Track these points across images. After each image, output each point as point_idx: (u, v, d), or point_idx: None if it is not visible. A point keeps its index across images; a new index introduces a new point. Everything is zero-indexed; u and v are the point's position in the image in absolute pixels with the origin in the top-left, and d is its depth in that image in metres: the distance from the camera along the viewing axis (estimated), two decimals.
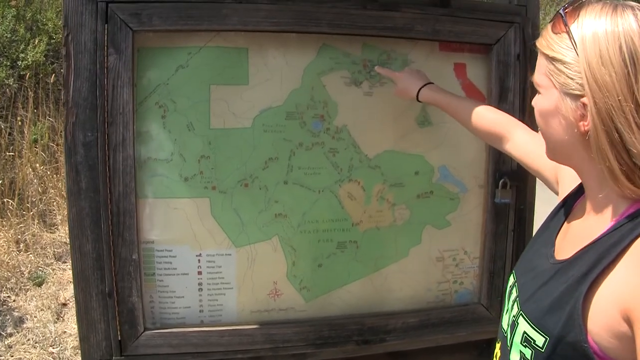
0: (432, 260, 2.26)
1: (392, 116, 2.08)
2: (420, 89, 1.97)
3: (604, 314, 1.04)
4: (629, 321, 1.00)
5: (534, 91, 1.22)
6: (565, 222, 1.33)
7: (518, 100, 2.19)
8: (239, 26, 1.94)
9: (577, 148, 1.15)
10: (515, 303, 1.29)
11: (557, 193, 1.56)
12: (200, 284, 2.04)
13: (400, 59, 2.15)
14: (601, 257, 1.07)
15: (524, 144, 1.70)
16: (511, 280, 1.39)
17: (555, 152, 1.24)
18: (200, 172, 1.99)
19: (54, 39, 6.51)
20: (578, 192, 1.36)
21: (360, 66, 2.11)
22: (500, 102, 2.18)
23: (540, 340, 1.13)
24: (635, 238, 1.04)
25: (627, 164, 1.04)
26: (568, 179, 1.44)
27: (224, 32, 1.96)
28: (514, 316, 1.28)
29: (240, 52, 2.00)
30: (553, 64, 1.12)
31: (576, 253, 1.15)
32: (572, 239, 1.24)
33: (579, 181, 1.34)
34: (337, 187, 2.12)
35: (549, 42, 1.14)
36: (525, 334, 1.19)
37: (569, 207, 1.36)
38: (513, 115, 2.02)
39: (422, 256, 2.25)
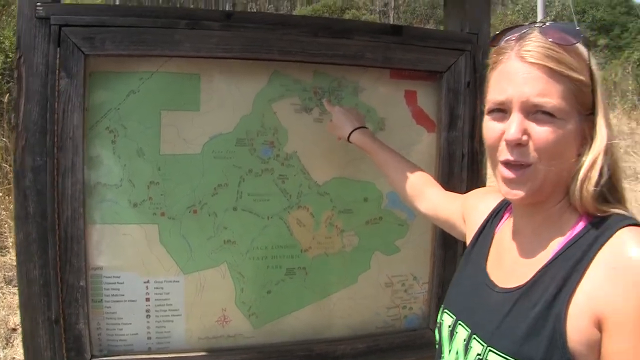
0: (381, 286, 2.52)
1: (342, 143, 2.31)
2: (353, 130, 2.19)
3: (581, 329, 1.19)
4: (600, 328, 1.17)
5: (482, 118, 1.41)
6: (492, 250, 1.52)
7: (467, 127, 2.46)
8: (191, 52, 2.15)
9: (565, 174, 1.32)
10: (475, 341, 1.39)
11: (462, 235, 1.79)
12: (148, 310, 2.23)
13: (351, 86, 2.41)
14: (568, 275, 1.23)
15: (434, 201, 1.98)
16: (448, 319, 1.54)
17: (544, 189, 1.32)
18: (149, 198, 2.20)
19: (10, 57, 6.57)
20: (494, 221, 1.58)
21: (310, 93, 2.36)
22: (450, 129, 2.46)
23: None
24: (598, 250, 1.21)
25: (601, 179, 1.27)
26: (474, 213, 1.68)
27: (176, 57, 2.17)
28: (479, 354, 1.35)
29: (192, 78, 2.22)
30: (576, 86, 1.27)
31: (533, 276, 1.31)
32: (512, 265, 1.41)
33: (486, 213, 1.59)
34: (286, 214, 2.36)
35: (567, 61, 1.26)
36: None
37: (488, 236, 1.56)
38: (463, 141, 2.33)
39: (371, 282, 2.50)
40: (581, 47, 1.29)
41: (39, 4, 2.00)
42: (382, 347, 2.48)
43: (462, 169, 2.47)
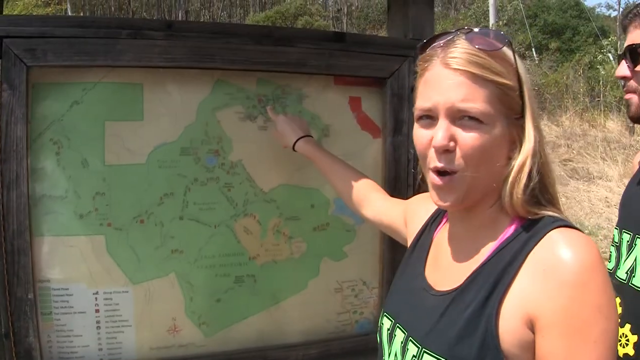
0: (331, 291, 2.56)
1: (287, 150, 2.34)
2: (298, 139, 2.24)
3: (513, 330, 1.22)
4: (532, 328, 1.21)
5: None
6: (430, 254, 1.57)
7: (412, 132, 2.48)
8: (133, 62, 2.18)
9: (494, 177, 1.36)
10: (411, 343, 1.41)
11: (404, 239, 1.84)
12: (98, 322, 2.25)
13: (295, 93, 2.46)
14: (499, 276, 1.26)
15: (378, 206, 2.03)
16: (387, 323, 1.58)
17: (472, 194, 1.36)
18: (95, 209, 2.22)
19: None
20: (431, 226, 1.62)
21: (254, 101, 2.41)
22: (395, 134, 2.52)
23: None
24: (529, 252, 1.25)
25: (531, 182, 1.31)
26: (415, 218, 1.73)
27: (118, 67, 2.20)
28: (414, 356, 1.38)
29: (135, 88, 2.26)
30: (501, 89, 1.30)
31: (467, 278, 1.35)
32: (448, 268, 1.46)
33: (423, 219, 1.64)
34: (233, 222, 2.40)
35: (492, 66, 1.30)
36: None
37: (427, 240, 1.60)
38: (408, 146, 2.40)
39: (321, 288, 2.55)
40: (507, 52, 1.34)
41: None
42: (334, 352, 2.52)
43: (408, 173, 2.53)
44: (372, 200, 2.07)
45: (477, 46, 1.31)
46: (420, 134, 1.40)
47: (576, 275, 1.18)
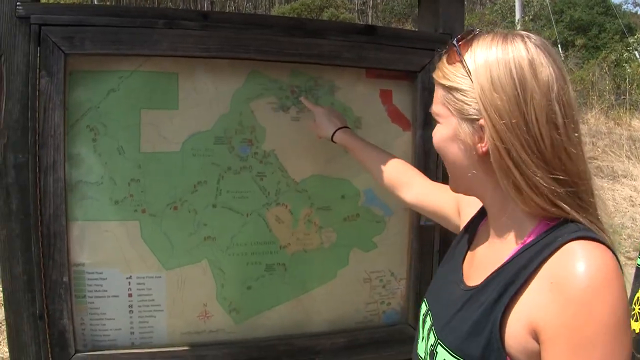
0: (360, 281, 2.52)
1: (319, 141, 2.33)
2: (336, 130, 2.21)
3: (517, 336, 1.18)
4: (536, 338, 1.15)
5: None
6: (470, 247, 1.53)
7: None
8: (169, 51, 2.16)
9: (478, 172, 1.34)
10: (432, 331, 1.42)
11: (456, 228, 1.80)
12: (130, 306, 2.23)
13: (327, 85, 2.42)
14: (511, 281, 1.22)
15: (422, 189, 1.99)
16: (424, 308, 1.57)
17: (457, 182, 1.43)
18: (130, 195, 2.20)
19: None
20: (479, 218, 1.57)
21: (287, 92, 2.37)
22: (425, 127, 2.47)
23: None
24: (543, 262, 1.18)
25: (530, 180, 1.22)
26: (468, 208, 1.67)
27: (154, 57, 2.18)
28: (431, 345, 1.39)
29: (171, 77, 2.23)
30: (450, 93, 1.31)
31: (486, 278, 1.31)
32: (479, 265, 1.43)
33: (477, 208, 1.58)
34: (265, 211, 2.37)
35: (444, 72, 1.33)
36: None
37: (472, 232, 1.56)
38: None
39: (350, 278, 2.51)
40: (468, 60, 1.30)
41: (18, 3, 2.00)
42: (361, 342, 2.48)
43: (437, 166, 2.48)
44: (414, 184, 2.03)
45: (444, 54, 1.38)
46: None
47: (583, 293, 1.11)
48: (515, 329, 1.19)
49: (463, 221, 1.71)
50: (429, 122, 2.47)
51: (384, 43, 2.42)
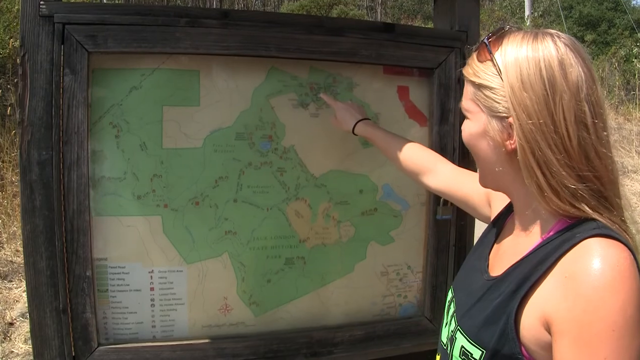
0: (377, 275, 2.51)
1: (338, 137, 2.31)
2: (357, 123, 2.19)
3: (531, 327, 1.20)
4: (549, 330, 1.17)
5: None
6: (497, 239, 1.52)
7: (458, 122, 2.45)
8: (190, 49, 2.14)
9: (505, 168, 1.34)
10: (453, 318, 1.46)
11: (486, 218, 1.78)
12: (152, 300, 2.22)
13: (345, 82, 2.40)
14: (529, 274, 1.23)
15: (449, 175, 1.96)
16: (449, 295, 1.58)
17: (486, 177, 1.43)
18: (152, 190, 2.18)
19: (0, 53, 6.57)
20: (508, 211, 1.55)
21: (307, 89, 2.35)
22: (442, 123, 2.45)
23: (477, 353, 1.29)
24: (560, 257, 1.19)
25: (553, 180, 1.21)
26: (500, 200, 1.64)
27: (176, 54, 2.17)
28: (452, 331, 1.44)
29: (192, 75, 2.21)
30: (480, 91, 1.31)
31: (507, 270, 1.32)
32: (503, 256, 1.42)
33: (507, 200, 1.56)
34: (285, 205, 2.35)
35: (475, 70, 1.33)
36: (463, 348, 1.34)
37: (500, 224, 1.56)
38: (454, 135, 2.32)
39: (367, 271, 2.49)
40: (498, 59, 1.29)
41: (42, 2, 1.99)
42: (378, 335, 2.47)
43: (453, 161, 2.43)
44: (439, 170, 2.00)
45: (474, 52, 1.37)
46: None
47: (594, 289, 1.11)
48: (530, 321, 1.21)
49: (494, 213, 1.69)
50: (445, 118, 2.46)
51: (402, 40, 2.40)
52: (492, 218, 1.69)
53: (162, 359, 2.20)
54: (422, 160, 2.04)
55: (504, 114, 1.27)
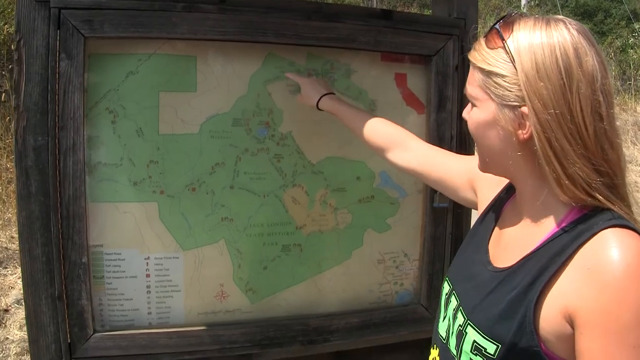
0: (374, 262, 2.47)
1: (335, 124, 2.24)
2: (321, 97, 2.13)
3: (551, 320, 1.16)
4: (571, 322, 1.13)
5: (467, 102, 1.37)
6: (496, 227, 1.47)
7: (456, 109, 2.42)
8: (187, 35, 2.10)
9: (514, 157, 1.28)
10: (460, 312, 1.38)
11: (466, 201, 1.73)
12: (148, 286, 2.19)
13: (343, 68, 2.36)
14: (546, 265, 1.18)
15: (422, 152, 1.88)
16: (446, 287, 1.52)
17: (489, 163, 1.37)
18: (149, 176, 2.14)
19: None
20: (505, 197, 1.50)
21: (305, 75, 2.30)
22: (439, 110, 2.42)
23: (491, 348, 1.23)
24: (579, 247, 1.15)
25: (570, 170, 1.17)
26: (487, 184, 1.60)
27: (173, 40, 2.12)
28: (460, 325, 1.36)
29: (189, 60, 2.17)
30: (490, 78, 1.24)
31: (519, 261, 1.27)
32: (509, 246, 1.37)
33: (500, 186, 1.52)
34: (282, 192, 2.31)
35: (484, 56, 1.26)
36: (475, 343, 1.28)
37: (497, 211, 1.50)
38: (451, 123, 2.29)
39: (364, 259, 2.46)
40: (510, 44, 1.23)
41: None
42: (375, 322, 2.45)
43: (451, 149, 2.41)
44: (411, 146, 1.91)
45: (483, 38, 1.30)
46: None
47: (619, 279, 1.08)
48: (550, 313, 1.17)
49: (481, 200, 1.64)
50: (443, 106, 2.43)
51: (400, 27, 2.35)
52: (479, 205, 1.65)
53: (158, 345, 2.17)
54: (391, 135, 1.96)
55: (516, 103, 1.22)
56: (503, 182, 1.52)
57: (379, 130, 1.98)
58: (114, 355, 2.13)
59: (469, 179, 1.71)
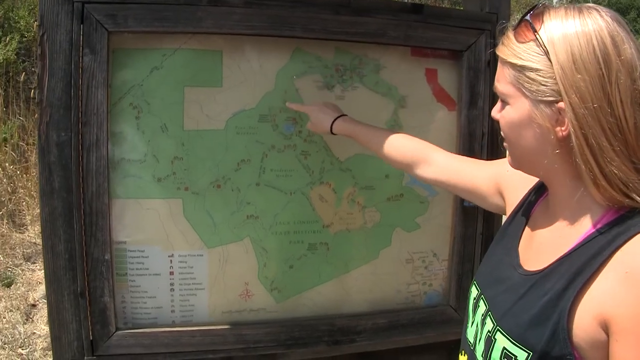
0: (402, 262, 2.39)
1: (363, 120, 2.15)
2: (333, 121, 2.04)
3: (586, 327, 1.09)
4: (606, 329, 1.06)
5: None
6: (527, 229, 1.39)
7: (487, 106, 2.33)
8: (213, 29, 2.03)
9: (550, 155, 1.19)
10: (489, 317, 1.32)
11: (495, 207, 1.65)
12: (172, 284, 2.14)
13: (372, 63, 2.27)
14: (580, 269, 1.11)
15: (448, 165, 1.79)
16: (474, 291, 1.45)
17: (522, 161, 1.29)
18: (173, 173, 2.09)
19: (25, 37, 6.57)
20: (535, 198, 1.42)
21: (332, 70, 2.23)
22: (470, 107, 2.33)
23: (522, 355, 1.16)
24: (615, 250, 1.08)
25: (607, 169, 1.09)
26: (513, 186, 1.52)
27: (198, 34, 2.06)
28: (489, 331, 1.29)
29: (215, 55, 2.10)
30: (523, 73, 1.16)
31: (551, 264, 1.19)
32: (540, 248, 1.29)
33: (527, 187, 1.44)
34: (309, 190, 2.24)
35: (514, 50, 1.18)
36: (505, 350, 1.21)
37: (526, 212, 1.42)
38: (483, 120, 2.20)
39: (392, 258, 2.38)
40: (542, 36, 1.14)
41: None
42: (402, 323, 2.37)
43: (482, 147, 2.34)
44: (434, 160, 1.83)
45: (512, 31, 1.22)
46: None
47: None
48: (584, 320, 1.09)
49: (509, 203, 1.56)
50: (474, 102, 2.34)
51: (431, 22, 2.27)
52: (507, 208, 1.57)
53: (181, 344, 2.12)
54: (413, 151, 1.88)
55: (553, 98, 1.13)
56: (530, 182, 1.45)
57: (400, 147, 1.90)
58: (137, 353, 2.09)
59: (496, 184, 1.64)
